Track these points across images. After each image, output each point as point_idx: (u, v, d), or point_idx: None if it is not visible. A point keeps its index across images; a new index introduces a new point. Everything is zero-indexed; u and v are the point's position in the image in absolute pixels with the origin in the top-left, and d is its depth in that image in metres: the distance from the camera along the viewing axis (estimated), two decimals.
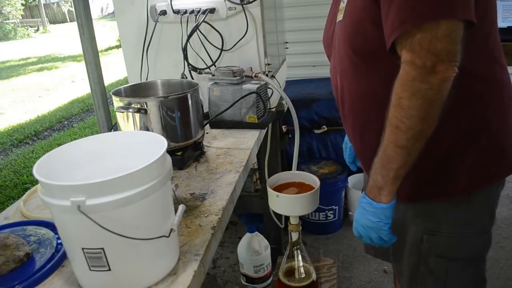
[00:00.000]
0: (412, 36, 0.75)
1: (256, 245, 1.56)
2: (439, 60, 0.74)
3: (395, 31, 0.77)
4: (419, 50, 0.74)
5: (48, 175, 0.61)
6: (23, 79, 8.77)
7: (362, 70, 0.92)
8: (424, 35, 0.74)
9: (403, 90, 0.77)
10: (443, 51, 0.74)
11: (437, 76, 0.74)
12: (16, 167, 4.02)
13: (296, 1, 2.89)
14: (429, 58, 0.74)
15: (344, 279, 2.12)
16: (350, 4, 0.90)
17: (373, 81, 0.91)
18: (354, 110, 0.98)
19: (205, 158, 1.22)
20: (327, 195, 2.40)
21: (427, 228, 0.97)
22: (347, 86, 0.98)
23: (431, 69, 0.74)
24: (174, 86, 1.27)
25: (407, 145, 0.80)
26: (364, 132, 1.00)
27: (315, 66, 3.06)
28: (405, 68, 0.77)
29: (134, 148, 0.78)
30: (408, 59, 0.76)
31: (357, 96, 0.96)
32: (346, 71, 0.96)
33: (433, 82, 0.74)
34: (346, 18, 0.91)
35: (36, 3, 21.82)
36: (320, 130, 2.60)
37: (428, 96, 0.76)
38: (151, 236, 0.65)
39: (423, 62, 0.74)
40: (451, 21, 0.73)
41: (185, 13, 1.51)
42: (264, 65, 1.56)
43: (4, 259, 0.74)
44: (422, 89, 0.75)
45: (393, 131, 0.81)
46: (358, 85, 0.94)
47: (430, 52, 0.74)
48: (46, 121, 5.60)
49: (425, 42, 0.74)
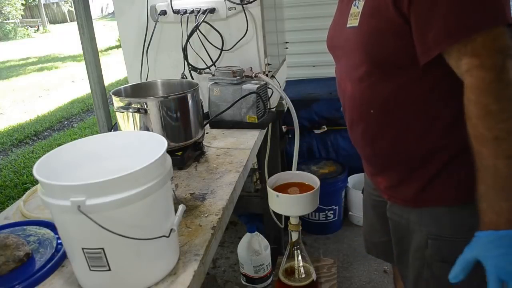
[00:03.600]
0: (472, 41, 0.75)
1: (256, 245, 1.56)
2: (506, 55, 0.74)
3: (444, 42, 0.77)
4: (485, 52, 0.74)
5: (48, 175, 0.61)
6: (23, 79, 8.77)
7: (377, 78, 0.91)
8: (485, 38, 0.74)
9: (486, 96, 0.73)
10: (505, 46, 0.74)
11: (508, 72, 0.73)
12: (16, 167, 4.02)
13: (296, 1, 2.89)
14: (497, 57, 0.74)
15: (344, 279, 2.12)
16: (367, 12, 0.88)
17: (389, 89, 0.90)
18: (366, 117, 0.97)
19: (205, 158, 1.22)
20: (327, 195, 2.40)
21: (432, 233, 0.96)
22: (359, 93, 0.96)
23: (502, 67, 0.73)
24: (174, 86, 1.27)
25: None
26: (376, 139, 0.99)
27: (315, 66, 3.06)
28: (477, 74, 0.75)
29: (134, 148, 0.78)
30: (477, 63, 0.74)
31: (370, 104, 0.95)
32: (359, 79, 0.95)
33: (508, 78, 0.73)
34: (363, 25, 0.89)
35: (36, 3, 21.82)
36: (320, 130, 2.60)
37: (509, 94, 0.73)
38: (151, 236, 0.65)
39: (493, 62, 0.74)
40: (501, 26, 0.75)
41: (185, 13, 1.51)
42: (264, 65, 1.56)
43: (4, 259, 0.74)
44: (502, 88, 0.73)
45: (493, 145, 0.73)
46: (372, 93, 0.93)
47: (496, 51, 0.74)
48: (46, 121, 5.61)
49: (489, 42, 0.74)
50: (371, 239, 1.28)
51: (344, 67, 1.01)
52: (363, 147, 1.05)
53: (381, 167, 1.03)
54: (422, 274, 1.00)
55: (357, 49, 0.93)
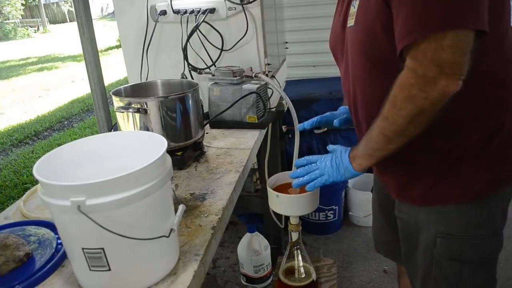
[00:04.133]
0: (417, 45, 0.74)
1: (256, 245, 1.56)
2: (441, 72, 0.73)
3: (403, 40, 0.76)
4: (422, 60, 0.74)
5: (48, 175, 0.61)
6: (23, 79, 8.77)
7: (375, 76, 0.92)
8: (429, 45, 0.73)
9: (400, 91, 0.79)
10: (446, 62, 0.73)
11: (436, 89, 0.74)
12: (16, 167, 4.02)
13: (296, 1, 2.88)
14: (431, 69, 0.73)
15: (344, 279, 2.12)
16: (361, 10, 0.89)
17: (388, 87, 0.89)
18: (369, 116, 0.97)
19: (205, 158, 1.22)
20: (327, 195, 2.39)
21: (440, 231, 0.96)
22: (360, 92, 0.97)
23: (431, 80, 0.74)
24: (174, 86, 1.27)
25: (390, 136, 0.84)
26: None
27: (315, 66, 3.05)
28: (407, 73, 0.77)
29: (134, 148, 0.78)
30: (411, 66, 0.76)
31: (371, 102, 0.95)
32: (359, 78, 0.95)
33: (431, 93, 0.74)
34: (358, 24, 0.90)
35: (36, 3, 21.83)
36: (320, 130, 2.60)
37: (421, 104, 0.76)
38: (151, 236, 0.65)
39: (424, 72, 0.74)
40: (459, 31, 0.72)
41: (185, 13, 1.51)
42: (264, 65, 1.56)
43: (4, 259, 0.74)
44: (418, 96, 0.76)
45: (382, 119, 0.84)
46: (372, 91, 0.94)
47: (432, 63, 0.73)
48: (46, 121, 5.60)
49: (429, 52, 0.73)
50: (380, 238, 1.29)
51: (346, 67, 1.01)
52: None
53: (388, 166, 1.03)
54: (431, 272, 1.00)
55: (355, 48, 0.93)
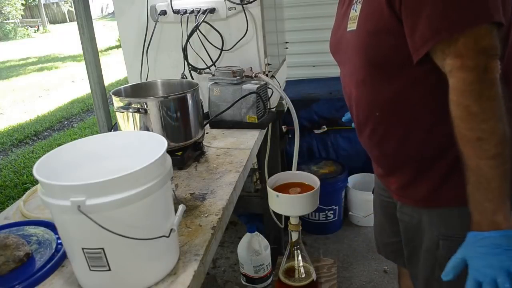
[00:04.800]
0: (454, 42, 0.74)
1: (256, 245, 1.56)
2: (489, 56, 0.73)
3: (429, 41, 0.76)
4: (467, 53, 0.73)
5: (48, 175, 0.61)
6: (23, 79, 8.77)
7: (378, 80, 0.91)
8: (468, 39, 0.73)
9: (467, 98, 0.73)
10: (488, 47, 0.73)
11: (492, 72, 0.73)
12: (16, 167, 4.02)
13: (296, 1, 2.88)
14: (479, 58, 0.73)
15: (344, 279, 2.12)
16: (364, 14, 0.88)
17: (391, 90, 0.90)
18: (372, 119, 0.97)
19: (205, 158, 1.22)
20: (327, 195, 2.39)
21: (443, 234, 0.95)
22: (363, 96, 0.96)
23: (485, 68, 0.73)
24: (174, 86, 1.27)
25: (498, 152, 0.72)
26: (383, 141, 0.98)
27: (315, 66, 3.06)
28: (458, 75, 0.74)
29: (134, 148, 0.78)
30: (458, 64, 0.74)
31: (374, 106, 0.94)
32: (362, 81, 0.94)
33: (491, 78, 0.72)
34: (360, 28, 0.89)
35: (36, 3, 21.82)
36: (320, 130, 2.60)
37: (492, 94, 0.72)
38: (151, 236, 0.65)
39: (475, 63, 0.73)
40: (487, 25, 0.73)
41: (185, 13, 1.51)
42: (264, 65, 1.56)
43: (4, 259, 0.74)
44: (484, 89, 0.73)
45: (475, 146, 0.73)
46: (375, 95, 0.93)
47: (479, 52, 0.73)
48: (46, 121, 5.61)
49: (471, 43, 0.73)
50: (381, 239, 1.29)
51: (347, 71, 1.01)
52: (371, 149, 1.05)
53: (390, 168, 1.03)
54: (434, 274, 0.99)
55: (357, 52, 0.92)
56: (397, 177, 1.02)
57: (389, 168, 1.03)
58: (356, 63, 0.94)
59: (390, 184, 1.06)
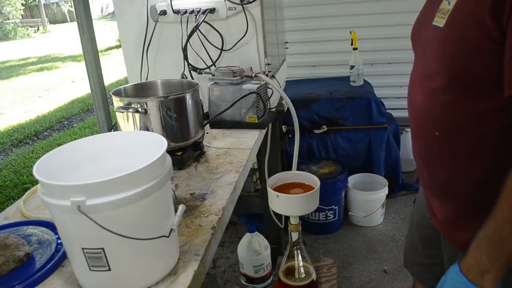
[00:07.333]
0: None
1: (256, 245, 1.56)
2: None
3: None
4: None
5: (48, 175, 0.61)
6: (23, 79, 8.77)
7: (452, 98, 0.77)
8: None
9: None
10: None
11: None
12: (16, 167, 4.02)
13: (296, 1, 2.89)
14: None
15: (344, 279, 2.12)
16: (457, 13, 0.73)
17: (463, 114, 0.77)
18: (429, 138, 0.85)
19: (205, 158, 1.22)
20: (327, 195, 2.40)
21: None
22: (427, 108, 0.84)
23: None
24: (174, 86, 1.27)
25: None
26: (435, 164, 0.88)
27: (315, 66, 3.05)
28: None
29: (134, 148, 0.78)
30: None
31: (436, 124, 0.82)
32: (432, 92, 0.81)
33: None
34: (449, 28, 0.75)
35: (36, 3, 21.82)
36: (320, 130, 2.60)
37: None
38: (151, 236, 0.65)
39: None
40: None
41: (185, 13, 1.51)
42: (264, 65, 1.56)
43: (4, 259, 0.74)
44: None
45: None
46: (442, 113, 0.80)
47: None
48: (46, 121, 5.61)
49: None
50: (412, 257, 1.24)
51: (419, 72, 0.88)
52: (421, 167, 0.96)
53: (436, 194, 0.94)
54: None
55: (435, 55, 0.79)
56: (442, 205, 0.92)
57: (435, 193, 0.93)
58: (431, 69, 0.81)
59: (435, 209, 0.96)
